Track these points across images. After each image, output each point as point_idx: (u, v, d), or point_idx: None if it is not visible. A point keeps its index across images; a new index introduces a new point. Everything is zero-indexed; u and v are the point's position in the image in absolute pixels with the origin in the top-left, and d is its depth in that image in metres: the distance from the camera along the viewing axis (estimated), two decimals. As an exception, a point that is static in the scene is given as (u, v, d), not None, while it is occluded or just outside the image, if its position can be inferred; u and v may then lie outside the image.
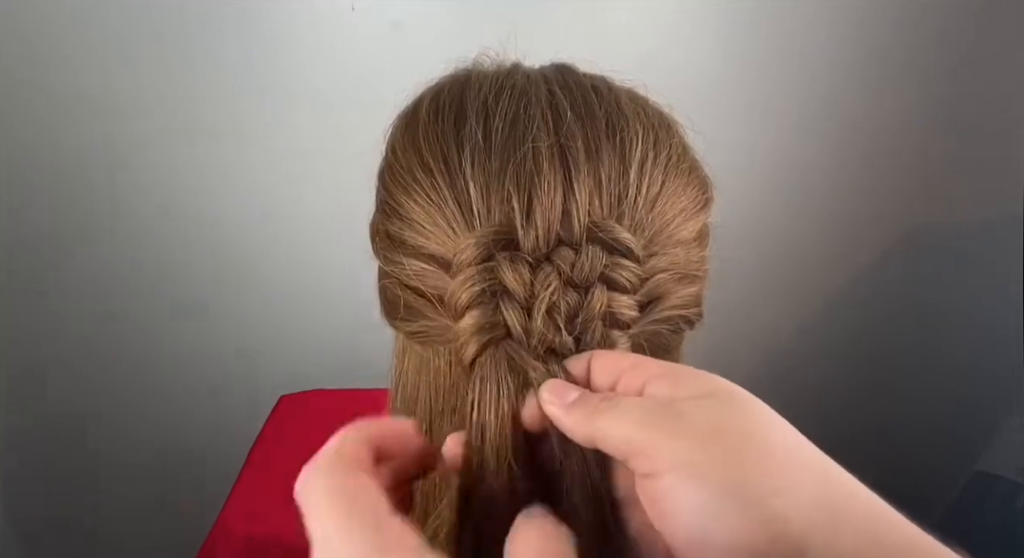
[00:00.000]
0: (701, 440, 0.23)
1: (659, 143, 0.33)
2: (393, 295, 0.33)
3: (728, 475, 0.22)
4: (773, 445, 0.23)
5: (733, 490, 0.22)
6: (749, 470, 0.22)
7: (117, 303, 1.11)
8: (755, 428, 0.24)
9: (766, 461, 0.23)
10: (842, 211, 1.22)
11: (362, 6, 0.95)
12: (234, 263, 1.11)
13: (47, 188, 1.01)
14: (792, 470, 0.23)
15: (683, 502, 0.22)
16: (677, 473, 0.23)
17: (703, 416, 0.24)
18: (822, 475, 0.23)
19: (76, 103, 0.97)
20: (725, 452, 0.23)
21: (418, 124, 0.34)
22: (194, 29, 0.94)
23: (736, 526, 0.22)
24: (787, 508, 0.22)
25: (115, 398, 1.17)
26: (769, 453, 0.23)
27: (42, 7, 0.90)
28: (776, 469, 0.23)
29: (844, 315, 1.31)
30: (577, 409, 0.26)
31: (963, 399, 1.28)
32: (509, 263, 0.29)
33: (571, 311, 0.29)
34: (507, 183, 0.30)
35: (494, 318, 0.28)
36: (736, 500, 0.22)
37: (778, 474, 0.22)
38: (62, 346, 1.12)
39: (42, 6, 0.90)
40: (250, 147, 1.03)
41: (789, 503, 0.22)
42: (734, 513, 0.22)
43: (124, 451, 1.20)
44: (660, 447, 0.23)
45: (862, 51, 1.08)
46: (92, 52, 0.94)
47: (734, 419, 0.24)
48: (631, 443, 0.24)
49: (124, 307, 1.11)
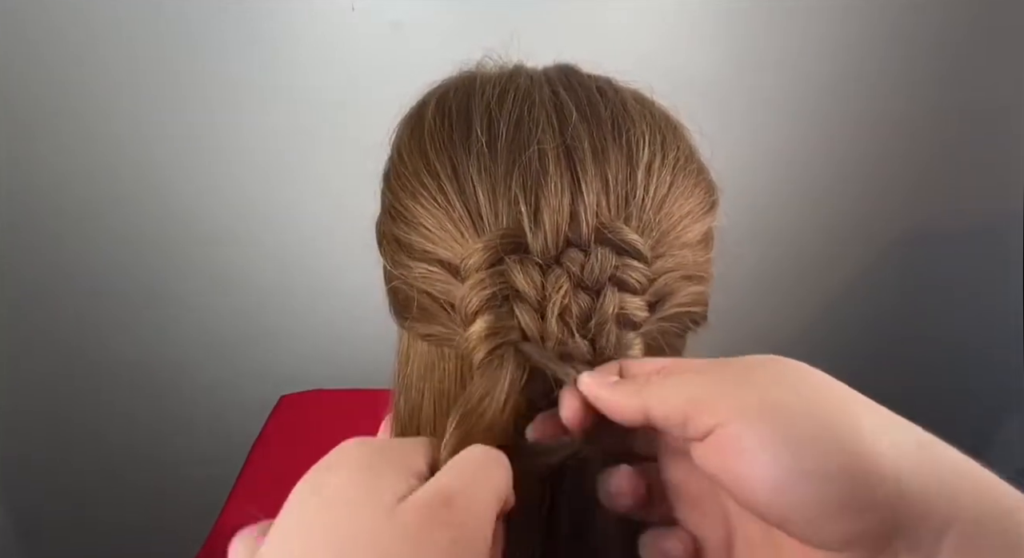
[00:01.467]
0: (767, 385, 0.23)
1: (666, 144, 0.33)
2: (405, 297, 0.33)
3: (808, 411, 0.22)
4: (841, 389, 0.24)
5: (816, 425, 0.22)
6: (830, 406, 0.23)
7: (117, 303, 1.11)
8: (817, 376, 0.24)
9: (844, 400, 0.23)
10: (842, 211, 1.22)
11: (362, 6, 0.95)
12: (234, 263, 1.11)
13: (46, 188, 1.01)
14: (869, 410, 0.23)
15: (759, 443, 0.22)
16: (746, 417, 0.23)
17: (766, 369, 0.24)
18: (892, 417, 0.23)
19: (77, 104, 0.97)
20: (797, 393, 0.23)
21: (423, 128, 0.33)
22: (194, 29, 0.94)
23: (825, 460, 0.21)
24: (875, 441, 0.22)
25: (115, 398, 1.17)
26: (842, 395, 0.23)
27: (43, 5, 0.90)
28: (855, 407, 0.23)
29: (844, 315, 1.31)
30: (626, 385, 0.26)
31: (963, 399, 1.28)
32: (519, 266, 0.28)
33: (584, 314, 0.29)
34: (514, 186, 0.30)
35: (507, 322, 0.28)
36: (823, 434, 0.22)
37: (860, 412, 0.23)
38: (62, 346, 1.12)
39: (43, 4, 0.90)
40: (251, 147, 1.03)
41: (877, 437, 0.22)
42: (820, 447, 0.22)
43: (124, 451, 1.20)
44: (726, 396, 0.23)
45: (862, 51, 1.08)
46: (92, 52, 0.94)
47: (796, 369, 0.24)
48: (693, 401, 0.24)
49: (124, 307, 1.11)
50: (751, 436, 0.22)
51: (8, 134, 0.97)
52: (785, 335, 1.32)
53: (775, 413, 0.22)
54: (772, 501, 0.22)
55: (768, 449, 0.22)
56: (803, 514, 0.22)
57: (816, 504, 0.21)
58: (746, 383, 0.24)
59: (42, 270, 1.06)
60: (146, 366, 1.16)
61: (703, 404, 0.24)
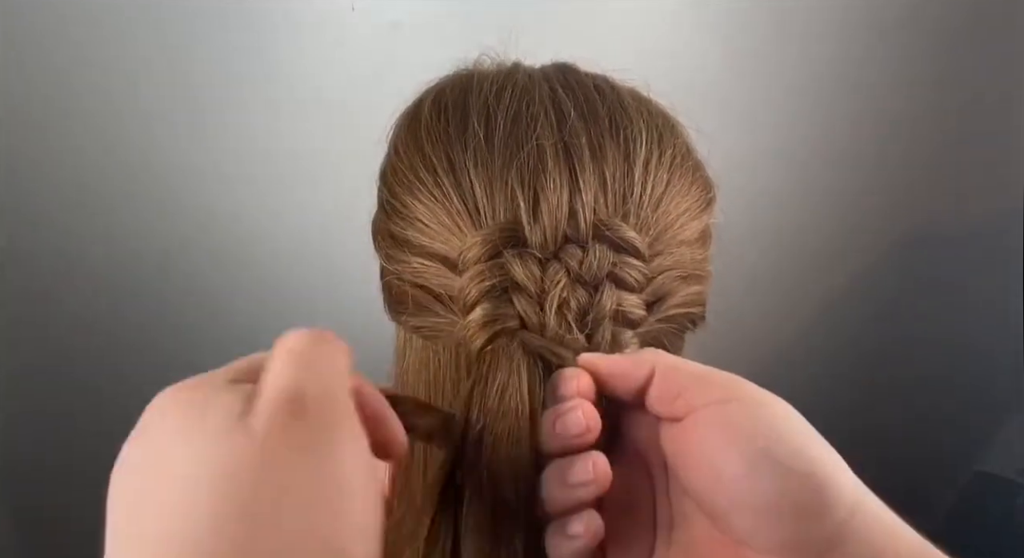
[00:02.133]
0: (770, 399, 0.25)
1: (663, 142, 0.33)
2: (399, 291, 0.33)
3: (793, 428, 0.24)
4: (806, 425, 0.25)
5: (797, 439, 0.23)
6: (814, 439, 0.24)
7: (117, 302, 1.11)
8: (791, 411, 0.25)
9: (830, 449, 0.24)
10: (841, 210, 1.22)
11: (362, 6, 0.95)
12: (234, 263, 1.11)
13: (46, 188, 1.02)
14: (843, 464, 0.24)
15: (743, 426, 0.23)
16: (743, 403, 0.24)
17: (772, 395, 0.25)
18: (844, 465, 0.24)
19: (78, 104, 0.97)
20: (790, 418, 0.24)
21: (420, 123, 0.34)
22: (194, 28, 0.94)
23: (794, 460, 0.23)
24: (841, 473, 0.23)
25: (115, 397, 1.17)
26: (829, 448, 0.24)
27: (44, 4, 0.90)
28: (834, 456, 0.24)
29: (843, 315, 1.31)
30: (636, 351, 0.28)
31: (963, 399, 1.28)
32: (519, 259, 0.29)
33: (582, 308, 0.29)
34: (511, 181, 0.30)
35: (506, 310, 0.29)
36: (800, 446, 0.23)
37: (837, 459, 0.24)
38: (62, 345, 1.12)
39: (44, 4, 0.90)
40: (250, 147, 1.03)
41: (844, 473, 0.23)
42: (792, 448, 0.23)
43: (124, 451, 1.20)
44: (731, 384, 0.25)
45: (861, 50, 1.08)
46: (93, 52, 0.94)
47: (774, 402, 0.25)
48: (700, 377, 0.25)
49: (124, 306, 1.11)
50: (740, 419, 0.24)
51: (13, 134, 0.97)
52: (784, 335, 1.32)
53: (767, 412, 0.24)
54: (731, 488, 0.23)
55: (749, 435, 0.23)
56: (755, 506, 0.23)
57: (772, 497, 0.22)
58: (751, 386, 0.25)
59: (41, 268, 1.06)
60: (147, 364, 1.16)
61: (708, 381, 0.25)
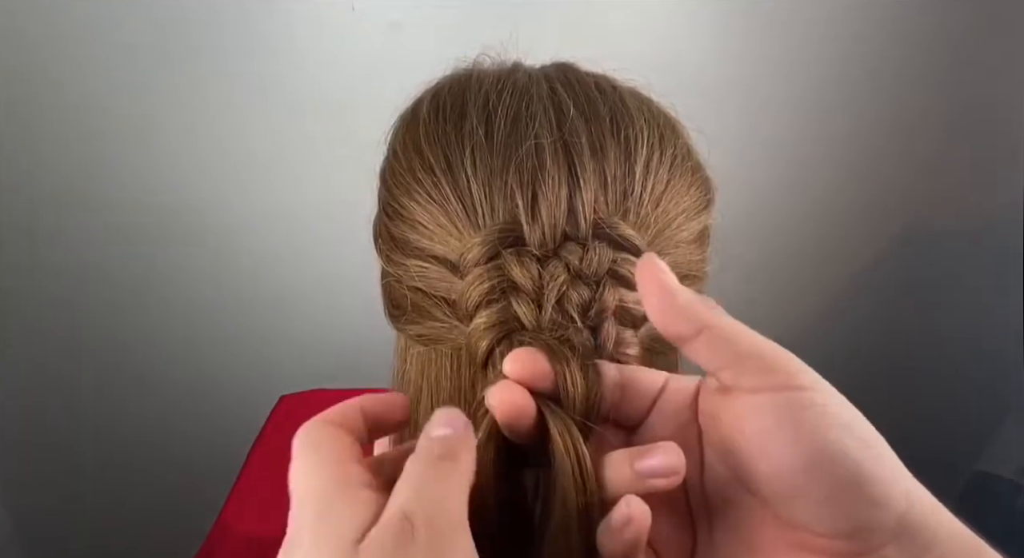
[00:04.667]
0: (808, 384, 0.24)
1: (664, 142, 0.32)
2: (399, 295, 0.33)
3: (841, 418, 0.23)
4: (861, 416, 0.24)
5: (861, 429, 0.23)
6: (854, 421, 0.24)
7: (116, 302, 1.11)
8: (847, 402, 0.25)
9: (865, 423, 0.24)
10: (841, 209, 1.21)
11: (362, 6, 0.95)
12: (233, 263, 1.11)
13: (48, 188, 1.01)
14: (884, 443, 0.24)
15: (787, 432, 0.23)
16: (824, 388, 0.24)
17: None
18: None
19: (78, 105, 0.97)
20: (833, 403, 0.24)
21: (418, 124, 0.33)
22: (194, 29, 0.94)
23: (864, 450, 0.23)
24: (900, 469, 0.23)
25: (114, 397, 1.17)
26: (863, 419, 0.24)
27: (45, 5, 0.90)
28: (873, 431, 0.24)
29: (843, 314, 1.31)
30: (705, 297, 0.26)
31: (963, 399, 1.28)
32: (516, 258, 0.28)
33: (584, 304, 0.28)
34: (510, 180, 0.30)
35: (506, 314, 0.28)
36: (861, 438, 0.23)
37: (875, 437, 0.24)
38: (60, 345, 1.12)
39: (45, 4, 0.90)
40: (249, 147, 1.03)
41: (902, 469, 0.23)
42: (857, 440, 0.23)
43: (124, 451, 1.19)
44: (806, 368, 0.24)
45: (861, 49, 1.08)
46: (93, 53, 0.94)
47: (833, 392, 0.25)
48: (776, 351, 0.24)
49: (122, 307, 1.11)
50: (803, 410, 0.23)
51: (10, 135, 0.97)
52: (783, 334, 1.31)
53: (829, 403, 0.24)
54: (793, 479, 0.22)
55: (813, 428, 0.23)
56: (817, 497, 0.22)
57: (834, 490, 0.22)
58: (811, 374, 0.25)
59: (40, 268, 1.06)
60: (145, 365, 1.16)
61: (767, 363, 0.24)
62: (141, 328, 1.13)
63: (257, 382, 1.12)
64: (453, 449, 0.24)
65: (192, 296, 1.12)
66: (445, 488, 0.23)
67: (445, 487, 0.23)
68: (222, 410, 1.18)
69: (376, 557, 0.21)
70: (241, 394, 1.15)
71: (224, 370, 1.18)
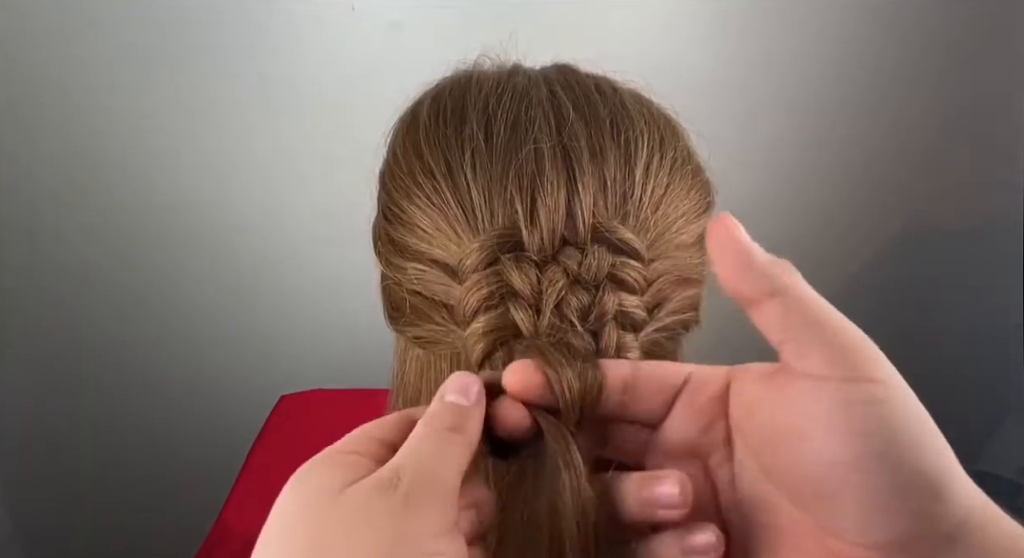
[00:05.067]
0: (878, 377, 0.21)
1: (664, 145, 0.32)
2: (398, 298, 0.33)
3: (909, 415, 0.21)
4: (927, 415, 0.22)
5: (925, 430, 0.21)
6: (920, 419, 0.21)
7: (116, 302, 1.11)
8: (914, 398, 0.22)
9: (930, 422, 0.22)
10: (841, 210, 1.21)
11: (362, 6, 0.95)
12: (233, 263, 1.11)
13: (47, 187, 1.01)
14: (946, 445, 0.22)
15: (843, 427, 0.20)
16: (899, 384, 0.21)
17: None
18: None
19: (79, 105, 0.97)
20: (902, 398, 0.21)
21: (418, 127, 0.33)
22: (194, 29, 0.94)
23: (920, 454, 0.20)
24: (961, 475, 0.21)
25: (114, 397, 1.17)
26: (928, 418, 0.22)
27: (45, 5, 0.90)
28: (937, 433, 0.22)
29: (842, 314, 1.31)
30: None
31: (963, 399, 1.28)
32: (515, 264, 0.28)
33: (584, 309, 0.28)
34: (510, 185, 0.30)
35: (503, 320, 0.28)
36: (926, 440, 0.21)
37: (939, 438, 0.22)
38: (60, 345, 1.12)
39: (45, 4, 0.90)
40: (249, 147, 1.03)
41: (963, 477, 0.21)
42: (917, 440, 0.21)
43: (123, 451, 1.19)
44: (845, 354, 0.21)
45: (861, 50, 1.08)
46: (94, 52, 0.94)
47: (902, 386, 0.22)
48: (860, 337, 0.22)
49: (123, 306, 1.11)
50: (865, 404, 0.20)
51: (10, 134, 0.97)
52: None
53: (898, 398, 0.21)
54: (840, 477, 0.20)
55: (875, 426, 0.20)
56: (865, 500, 0.20)
57: (886, 494, 0.20)
58: (885, 365, 0.22)
59: (40, 268, 1.06)
60: (145, 365, 1.16)
61: (836, 348, 0.21)
62: (141, 328, 1.13)
63: (257, 382, 1.12)
64: (461, 420, 0.24)
65: (192, 296, 1.12)
66: (444, 456, 0.23)
67: (444, 454, 0.23)
68: (222, 410, 1.18)
69: (353, 499, 0.21)
70: (241, 394, 1.15)
71: (224, 370, 1.18)
